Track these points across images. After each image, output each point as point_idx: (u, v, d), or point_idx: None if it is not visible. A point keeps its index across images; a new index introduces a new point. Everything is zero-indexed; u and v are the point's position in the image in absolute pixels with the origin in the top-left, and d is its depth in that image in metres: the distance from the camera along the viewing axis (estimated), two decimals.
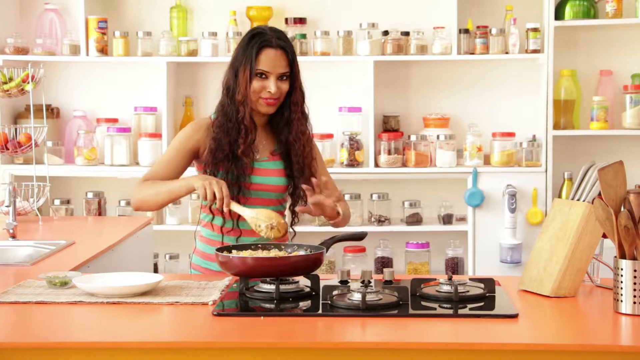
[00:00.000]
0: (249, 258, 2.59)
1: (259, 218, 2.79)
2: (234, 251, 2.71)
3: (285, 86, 2.97)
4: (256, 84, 2.94)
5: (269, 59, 2.94)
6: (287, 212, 3.14)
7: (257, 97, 2.96)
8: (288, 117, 3.02)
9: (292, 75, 2.98)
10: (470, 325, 2.31)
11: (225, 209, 2.78)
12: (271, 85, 2.94)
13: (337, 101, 5.01)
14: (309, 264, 2.62)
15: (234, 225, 2.99)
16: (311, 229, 4.77)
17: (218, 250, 2.68)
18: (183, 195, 2.93)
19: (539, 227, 4.59)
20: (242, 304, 2.52)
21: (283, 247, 2.77)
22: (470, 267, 4.83)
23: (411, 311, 2.41)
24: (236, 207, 2.81)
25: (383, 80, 4.97)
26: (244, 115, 2.96)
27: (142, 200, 2.98)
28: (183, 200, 4.96)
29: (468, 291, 2.55)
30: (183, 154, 3.01)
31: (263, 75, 2.94)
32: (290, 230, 3.11)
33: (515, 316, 2.35)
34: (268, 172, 3.03)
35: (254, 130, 3.00)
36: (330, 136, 4.91)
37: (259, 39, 2.95)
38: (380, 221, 4.90)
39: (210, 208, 3.01)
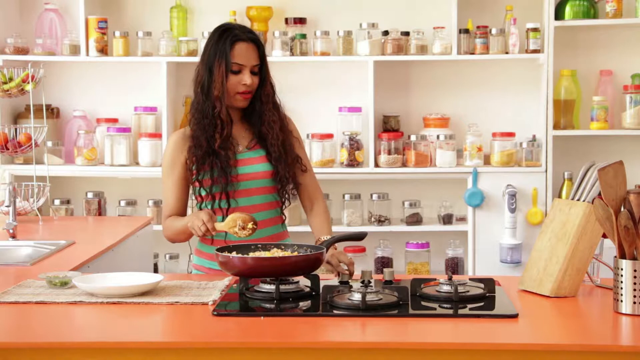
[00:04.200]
0: (248, 258, 2.59)
1: (229, 225, 2.81)
2: (233, 251, 2.71)
3: (256, 79, 3.04)
4: (233, 79, 3.00)
5: (243, 52, 3.00)
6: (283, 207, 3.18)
7: (234, 92, 3.01)
8: (260, 110, 3.08)
9: (262, 68, 3.04)
10: (470, 325, 2.31)
11: (213, 233, 2.85)
12: (246, 78, 3.00)
13: (337, 101, 5.00)
14: (309, 264, 2.62)
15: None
16: (305, 229, 4.76)
17: (218, 250, 2.69)
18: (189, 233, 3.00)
19: (539, 227, 4.59)
20: (242, 304, 2.52)
21: (283, 247, 2.78)
22: (470, 267, 4.83)
23: (411, 311, 2.41)
24: (218, 226, 2.84)
25: (383, 80, 4.97)
26: (220, 110, 3.01)
27: (171, 238, 3.11)
28: None
29: (468, 291, 2.55)
30: (180, 172, 3.08)
31: (238, 70, 3.00)
32: (283, 216, 3.17)
33: (515, 316, 2.35)
34: (251, 160, 3.07)
35: (230, 124, 3.05)
36: (330, 136, 4.91)
37: (230, 34, 3.02)
38: (380, 221, 4.90)
39: (200, 209, 3.05)
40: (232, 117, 3.07)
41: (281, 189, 3.11)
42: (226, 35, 3.01)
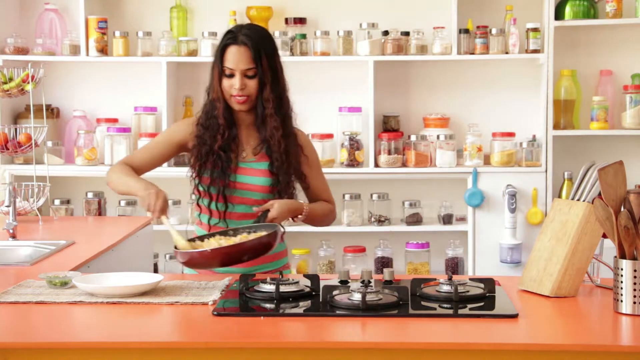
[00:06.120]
0: (194, 252, 2.64)
1: (177, 240, 2.75)
2: (192, 243, 2.77)
3: (252, 83, 2.98)
4: (225, 82, 2.99)
5: (233, 56, 2.97)
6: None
7: (228, 95, 3.00)
8: (262, 115, 3.02)
9: (260, 72, 2.97)
10: (470, 325, 2.30)
11: (155, 219, 2.81)
12: (235, 82, 2.97)
13: (337, 101, 5.01)
14: (261, 248, 2.67)
15: (220, 222, 3.03)
16: (306, 229, 4.76)
17: (176, 247, 2.71)
18: (133, 195, 2.97)
19: (539, 227, 4.59)
20: (242, 304, 2.52)
21: (243, 230, 2.82)
22: (470, 267, 4.83)
23: (411, 311, 2.41)
24: (165, 221, 2.78)
25: (383, 80, 4.97)
26: (219, 112, 3.01)
27: (110, 180, 3.02)
28: (183, 200, 4.95)
29: (468, 291, 2.55)
30: (167, 145, 3.10)
31: (230, 74, 2.97)
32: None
33: (515, 316, 2.35)
34: (253, 171, 3.04)
35: (233, 127, 3.04)
36: (330, 136, 4.91)
37: (227, 37, 3.00)
38: (380, 221, 4.90)
39: (197, 203, 3.07)
40: (240, 121, 3.05)
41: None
42: (224, 38, 3.00)
